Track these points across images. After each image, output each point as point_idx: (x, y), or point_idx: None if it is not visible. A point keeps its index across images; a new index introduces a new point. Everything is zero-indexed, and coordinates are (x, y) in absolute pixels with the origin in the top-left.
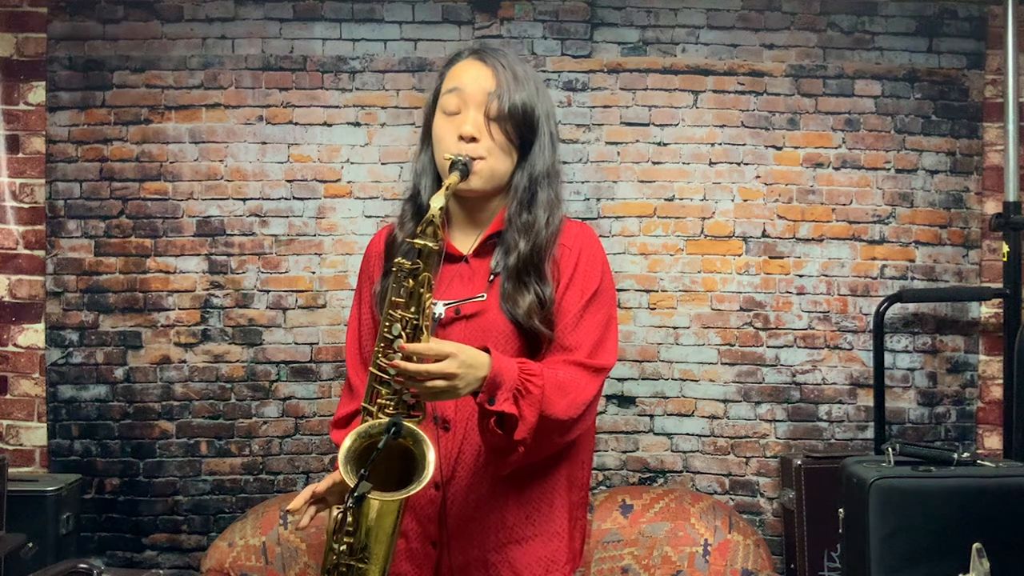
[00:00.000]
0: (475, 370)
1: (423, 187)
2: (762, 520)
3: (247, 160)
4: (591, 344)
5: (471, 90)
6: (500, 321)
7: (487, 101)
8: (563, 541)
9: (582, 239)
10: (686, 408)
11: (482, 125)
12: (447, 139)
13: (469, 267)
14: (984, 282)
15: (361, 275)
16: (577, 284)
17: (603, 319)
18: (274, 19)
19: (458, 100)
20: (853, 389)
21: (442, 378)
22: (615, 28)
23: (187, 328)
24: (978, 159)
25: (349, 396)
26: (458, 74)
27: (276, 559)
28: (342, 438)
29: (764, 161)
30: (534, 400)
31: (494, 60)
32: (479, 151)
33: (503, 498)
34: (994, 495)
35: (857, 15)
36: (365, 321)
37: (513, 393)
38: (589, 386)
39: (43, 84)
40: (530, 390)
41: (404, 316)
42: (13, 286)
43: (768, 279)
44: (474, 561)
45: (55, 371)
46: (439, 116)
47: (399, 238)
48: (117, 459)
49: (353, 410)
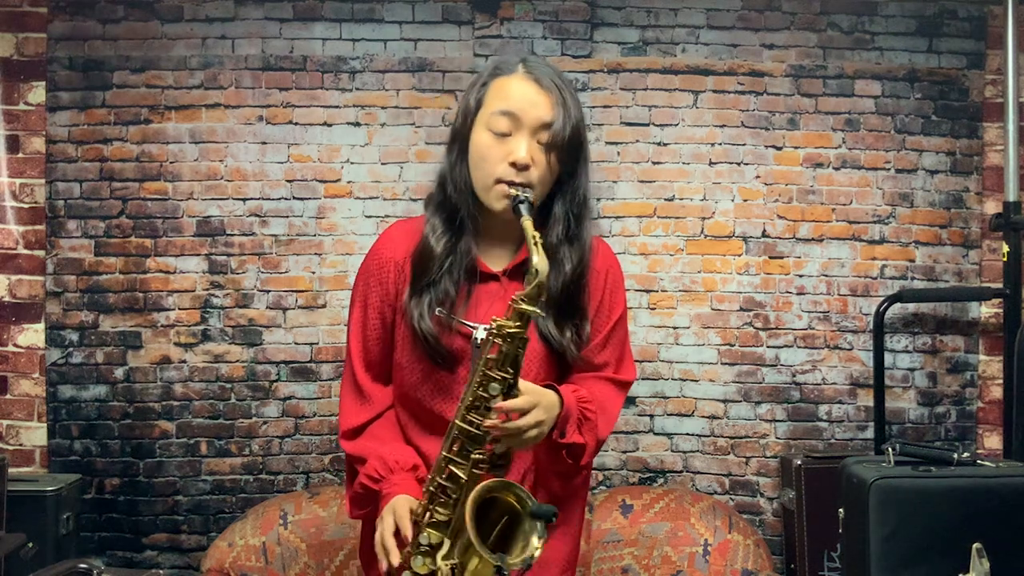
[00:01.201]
0: (553, 410)
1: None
2: (762, 520)
3: (247, 160)
4: (616, 361)
5: (526, 117)
6: (536, 345)
7: (541, 129)
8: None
9: (608, 260)
10: (686, 408)
11: (536, 152)
12: (494, 161)
13: (501, 286)
14: (984, 282)
15: (369, 279)
16: (606, 306)
17: (624, 335)
18: (274, 19)
19: (510, 123)
20: (853, 389)
21: (535, 427)
22: (615, 28)
23: (187, 328)
24: (978, 159)
25: (359, 404)
26: (509, 93)
27: (276, 559)
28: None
29: (764, 161)
30: (592, 426)
31: (549, 83)
32: (531, 178)
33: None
34: (994, 495)
35: (857, 15)
36: (373, 327)
37: (577, 423)
38: (618, 401)
39: (43, 84)
40: (588, 417)
41: (503, 376)
42: (13, 286)
43: (768, 279)
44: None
45: (55, 371)
46: (485, 134)
47: (434, 246)
48: (117, 459)
49: (368, 419)
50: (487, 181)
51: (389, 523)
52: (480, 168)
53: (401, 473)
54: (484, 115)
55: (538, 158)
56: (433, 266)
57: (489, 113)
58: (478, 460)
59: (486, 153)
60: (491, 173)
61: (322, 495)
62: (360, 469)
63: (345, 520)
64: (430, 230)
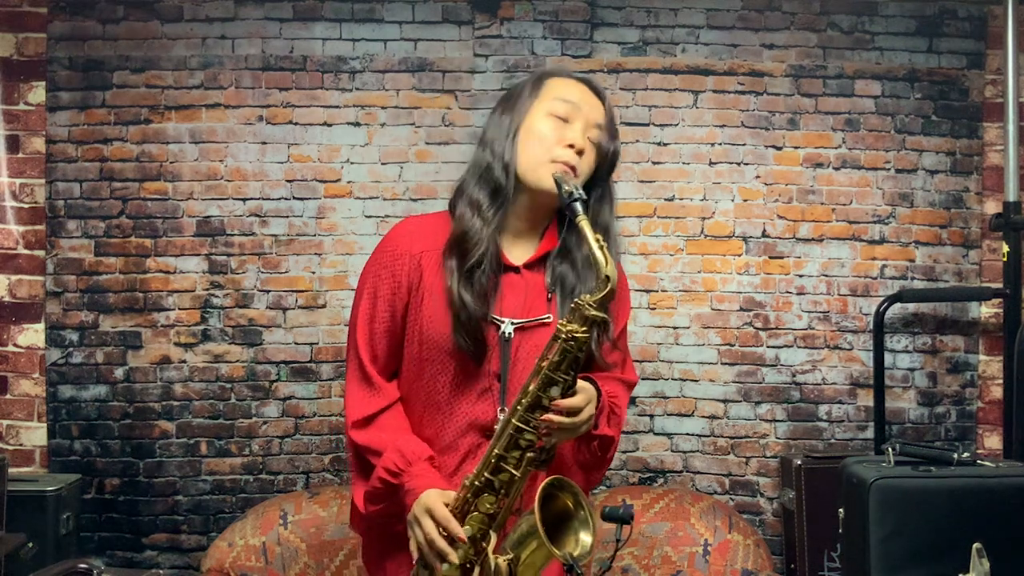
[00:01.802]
0: (594, 403)
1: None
2: (762, 520)
3: (247, 160)
4: (622, 363)
5: (585, 110)
6: None
7: (594, 127)
8: None
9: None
10: (686, 408)
11: (587, 142)
12: (552, 140)
13: (522, 278)
14: (984, 282)
15: (381, 271)
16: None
17: (626, 339)
18: (274, 19)
19: (571, 110)
20: (853, 389)
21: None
22: (615, 28)
23: (187, 328)
24: (978, 159)
25: (369, 394)
26: (569, 90)
27: (276, 559)
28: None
29: (764, 161)
30: (617, 420)
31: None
32: (578, 166)
33: None
34: (994, 495)
35: (857, 15)
36: (381, 319)
37: (607, 416)
38: (626, 400)
39: (43, 84)
40: (616, 412)
41: (563, 378)
42: (13, 286)
43: (768, 279)
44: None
45: (55, 371)
46: (545, 116)
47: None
48: (117, 459)
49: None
50: (542, 158)
51: (430, 524)
52: (535, 148)
53: (420, 464)
54: (543, 104)
55: (588, 152)
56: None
57: (550, 99)
58: (532, 458)
59: (546, 133)
60: (548, 151)
61: (322, 495)
62: (376, 462)
63: (345, 520)
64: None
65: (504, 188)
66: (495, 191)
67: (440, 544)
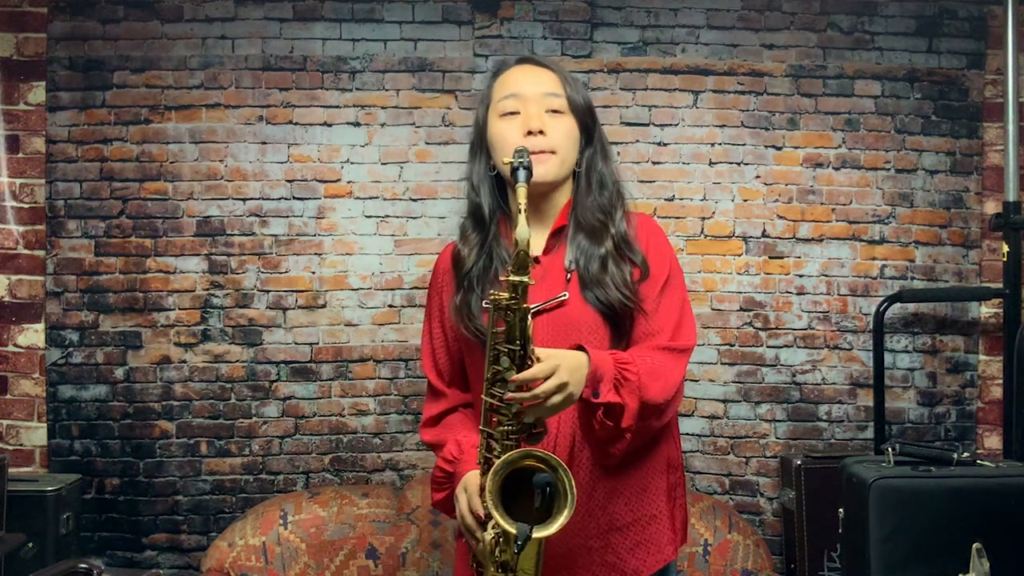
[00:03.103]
0: (580, 371)
1: (482, 195)
2: (762, 520)
3: (247, 160)
4: (672, 327)
5: (529, 91)
6: (586, 313)
7: (549, 98)
8: (663, 524)
9: (647, 228)
10: (686, 408)
11: (545, 118)
12: (510, 138)
13: (541, 267)
14: (984, 282)
15: (431, 292)
16: (652, 272)
17: (679, 301)
18: (274, 19)
19: (516, 102)
20: (853, 389)
21: (557, 391)
22: (615, 28)
23: (187, 328)
24: (978, 159)
25: (434, 399)
26: (511, 80)
27: (276, 559)
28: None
29: (764, 161)
30: (633, 387)
31: (549, 63)
32: (549, 144)
33: (600, 486)
34: (994, 495)
35: (857, 15)
36: (436, 335)
37: (614, 383)
38: (677, 368)
39: (43, 84)
40: (628, 378)
41: (510, 349)
42: (13, 286)
43: (768, 279)
44: (577, 548)
45: (55, 371)
46: (496, 121)
47: (464, 252)
48: (117, 459)
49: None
50: (503, 165)
51: (463, 502)
52: (501, 152)
53: (472, 451)
54: (494, 108)
55: (552, 123)
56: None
57: (496, 102)
58: (508, 431)
59: (502, 135)
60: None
61: (322, 495)
62: (438, 454)
63: (345, 520)
64: (460, 233)
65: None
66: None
67: (468, 520)
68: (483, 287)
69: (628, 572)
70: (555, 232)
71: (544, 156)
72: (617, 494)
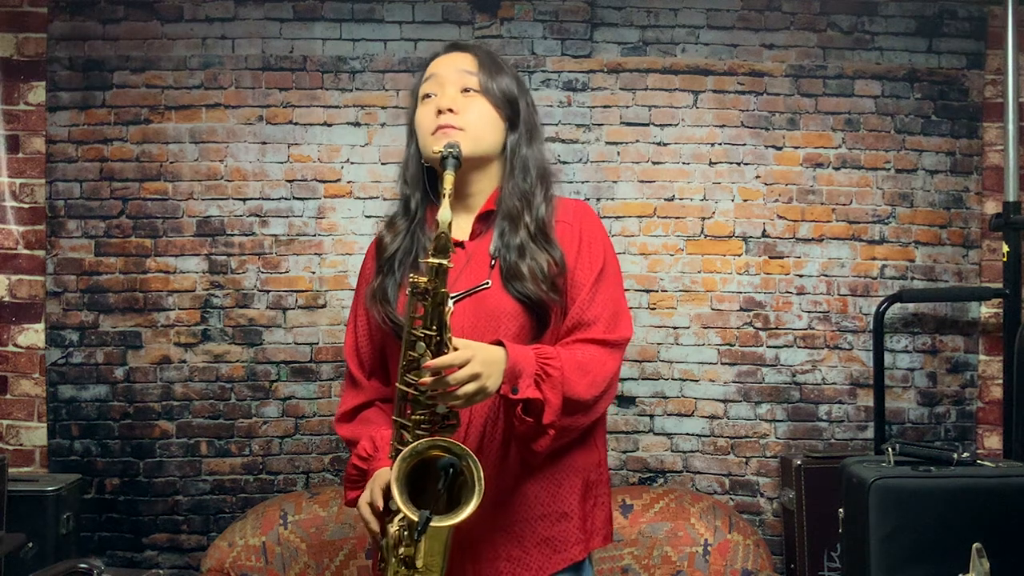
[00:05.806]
0: (497, 364)
1: (411, 182)
2: (762, 520)
3: (247, 160)
4: (607, 318)
5: (446, 72)
6: (506, 302)
7: (463, 77)
8: (573, 523)
9: (580, 215)
10: (686, 408)
11: (458, 97)
12: (425, 121)
13: (466, 252)
14: (984, 282)
15: (359, 279)
16: (584, 260)
17: (614, 292)
18: (274, 19)
19: (434, 84)
20: (853, 389)
21: (470, 380)
22: (615, 28)
23: (187, 328)
24: (978, 159)
25: (352, 391)
26: (433, 65)
27: (276, 559)
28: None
29: (764, 161)
30: (555, 383)
31: (472, 47)
32: (459, 122)
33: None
34: (994, 495)
35: (857, 15)
36: (361, 324)
37: (534, 379)
38: (608, 362)
39: (43, 84)
40: (550, 374)
41: (426, 334)
42: (13, 286)
43: (768, 279)
44: (482, 540)
45: (55, 371)
46: (420, 104)
47: (386, 238)
48: (117, 459)
49: (358, 404)
50: (427, 139)
51: (365, 495)
52: (422, 135)
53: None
54: (419, 94)
55: (465, 102)
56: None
57: (419, 87)
58: (419, 421)
59: (420, 119)
60: (428, 131)
61: (322, 495)
62: (352, 451)
63: (345, 520)
64: (387, 223)
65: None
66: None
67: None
68: (403, 271)
69: (532, 567)
70: (481, 217)
71: (452, 131)
72: (527, 488)
